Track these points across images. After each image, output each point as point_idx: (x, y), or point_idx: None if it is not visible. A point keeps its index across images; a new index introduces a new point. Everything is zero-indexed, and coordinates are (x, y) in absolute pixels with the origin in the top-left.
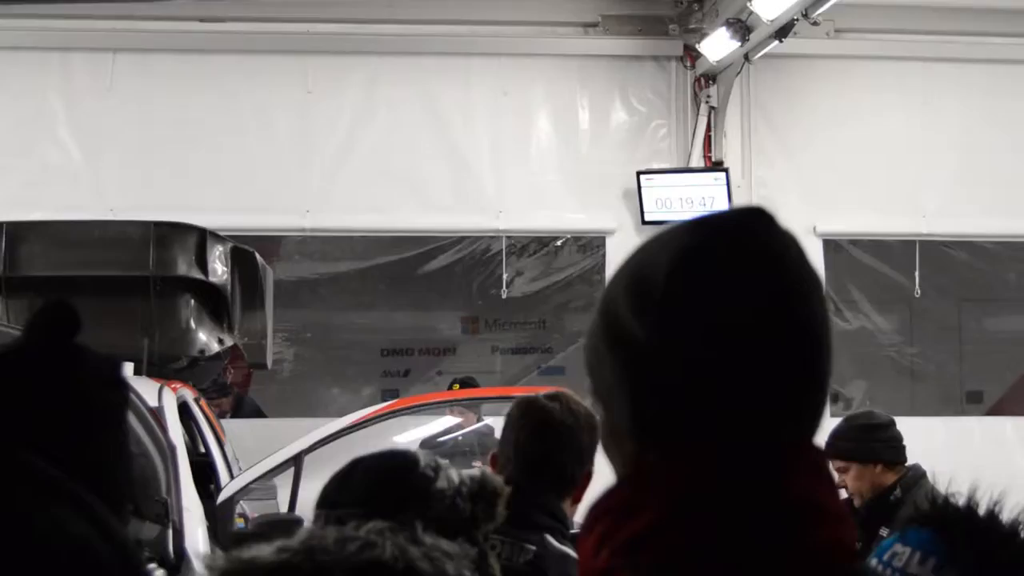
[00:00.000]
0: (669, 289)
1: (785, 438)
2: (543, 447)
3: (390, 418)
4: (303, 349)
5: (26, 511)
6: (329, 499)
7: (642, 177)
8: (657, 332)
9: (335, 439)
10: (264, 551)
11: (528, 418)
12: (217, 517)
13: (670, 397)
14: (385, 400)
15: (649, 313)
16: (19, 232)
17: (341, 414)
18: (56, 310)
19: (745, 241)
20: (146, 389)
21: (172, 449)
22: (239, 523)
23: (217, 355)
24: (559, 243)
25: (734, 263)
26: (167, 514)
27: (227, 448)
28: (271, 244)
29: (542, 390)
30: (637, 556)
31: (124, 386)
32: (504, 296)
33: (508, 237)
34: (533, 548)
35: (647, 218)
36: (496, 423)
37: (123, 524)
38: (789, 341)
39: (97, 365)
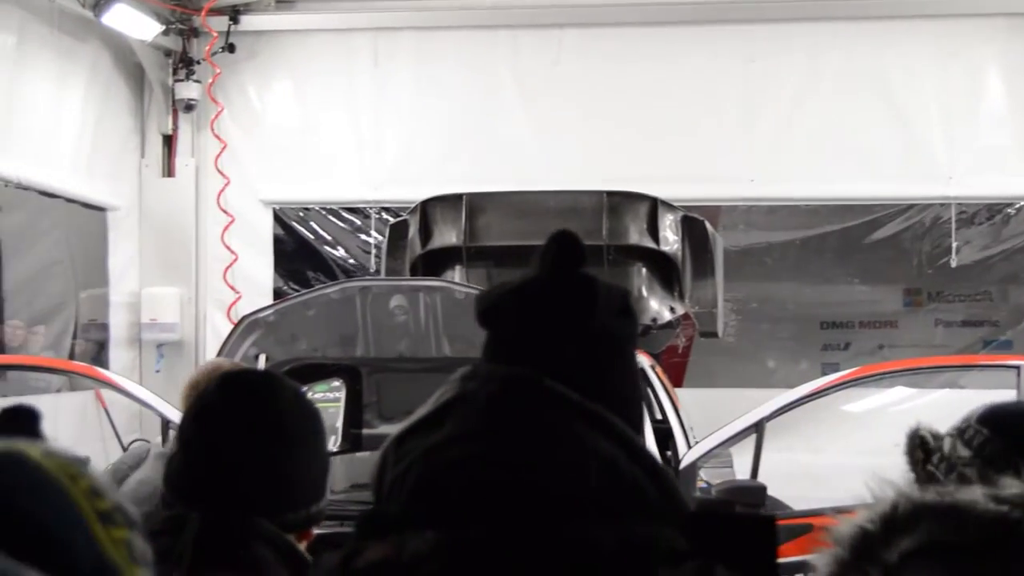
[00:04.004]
0: None
1: None
2: None
3: (851, 386)
4: (746, 320)
5: (557, 432)
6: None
7: None
8: None
9: (796, 407)
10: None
11: None
12: (679, 483)
13: None
14: (825, 374)
15: None
16: (478, 203)
17: (778, 386)
18: (563, 241)
19: None
20: None
21: None
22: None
23: (669, 323)
24: (1012, 210)
25: None
26: None
27: (682, 415)
28: (712, 212)
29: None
30: None
31: (633, 316)
32: (954, 266)
33: (958, 204)
34: None
35: None
36: (952, 395)
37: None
38: None
39: (609, 295)
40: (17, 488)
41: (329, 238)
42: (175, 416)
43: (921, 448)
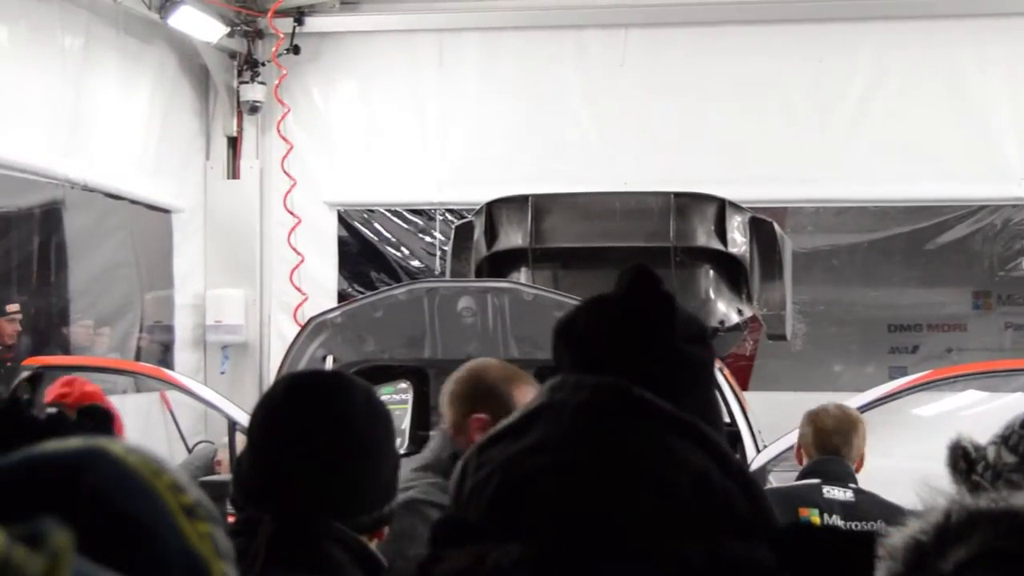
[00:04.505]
0: None
1: None
2: None
3: (925, 389)
4: (812, 322)
5: (647, 443)
6: None
7: None
8: None
9: (870, 409)
10: None
11: None
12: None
13: None
14: (892, 378)
15: None
16: (544, 204)
17: (844, 390)
18: (640, 266)
19: None
20: None
21: None
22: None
23: (736, 325)
24: None
25: None
26: None
27: (751, 418)
28: (779, 214)
29: None
30: None
31: (710, 346)
32: None
33: None
34: None
35: None
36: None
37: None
38: None
39: (687, 321)
40: (104, 483)
41: (393, 239)
42: (242, 417)
43: (964, 459)
